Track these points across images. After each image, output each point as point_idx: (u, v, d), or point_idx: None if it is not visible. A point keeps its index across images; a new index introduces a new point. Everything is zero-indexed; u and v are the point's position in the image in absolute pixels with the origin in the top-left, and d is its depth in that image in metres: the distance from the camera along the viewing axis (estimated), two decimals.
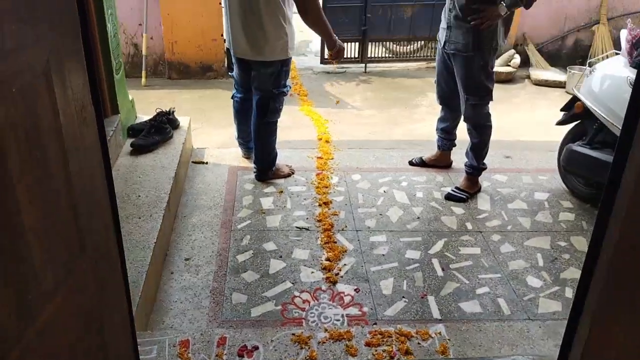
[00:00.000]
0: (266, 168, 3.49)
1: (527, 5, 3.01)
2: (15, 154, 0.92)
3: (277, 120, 3.39)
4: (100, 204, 1.27)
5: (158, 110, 3.58)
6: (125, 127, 3.38)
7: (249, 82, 3.31)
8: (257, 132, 3.38)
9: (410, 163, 3.82)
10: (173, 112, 3.66)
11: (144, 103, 4.73)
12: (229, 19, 3.17)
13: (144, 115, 3.72)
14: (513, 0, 2.95)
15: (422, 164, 3.80)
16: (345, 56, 5.84)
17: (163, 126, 3.45)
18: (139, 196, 2.85)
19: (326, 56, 3.25)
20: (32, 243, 0.98)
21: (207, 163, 3.68)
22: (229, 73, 4.68)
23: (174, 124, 3.63)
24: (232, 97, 3.61)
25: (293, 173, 3.60)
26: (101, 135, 1.21)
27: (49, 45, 1.00)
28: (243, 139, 3.70)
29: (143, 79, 5.37)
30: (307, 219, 3.10)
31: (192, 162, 3.69)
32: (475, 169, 3.42)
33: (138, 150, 3.26)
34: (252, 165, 3.55)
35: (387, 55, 6.31)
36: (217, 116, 4.77)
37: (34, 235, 0.99)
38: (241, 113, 3.56)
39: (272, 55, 3.13)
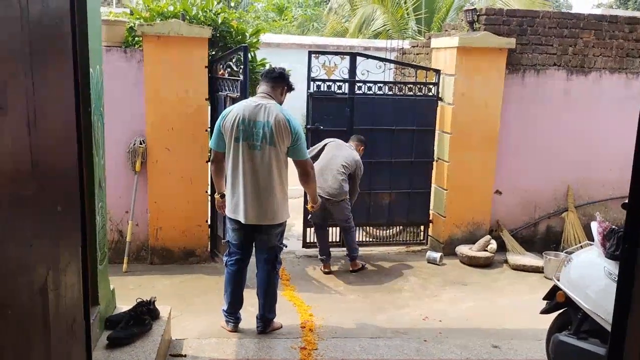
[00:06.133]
0: (273, 317, 4.00)
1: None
2: None
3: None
4: None
5: (138, 300, 3.51)
6: (103, 319, 3.28)
7: (249, 243, 3.91)
8: (268, 284, 3.91)
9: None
10: (154, 301, 3.59)
11: (123, 289, 4.65)
12: (241, 194, 3.72)
13: (122, 304, 3.64)
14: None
15: None
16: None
17: (142, 317, 3.35)
18: None
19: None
20: None
21: (185, 356, 3.52)
22: (223, 240, 4.75)
23: (154, 315, 3.54)
24: (226, 264, 3.95)
25: (282, 327, 4.08)
26: (87, 347, 1.17)
27: (49, 263, 1.02)
28: (234, 308, 3.97)
29: (125, 265, 5.34)
30: None
31: (170, 355, 3.52)
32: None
33: (114, 343, 3.12)
34: (257, 321, 3.97)
35: (367, 239, 6.47)
36: (198, 302, 4.68)
37: None
38: (238, 274, 3.92)
39: (283, 218, 3.84)
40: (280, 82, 3.87)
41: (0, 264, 0.87)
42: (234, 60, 5.60)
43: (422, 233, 6.52)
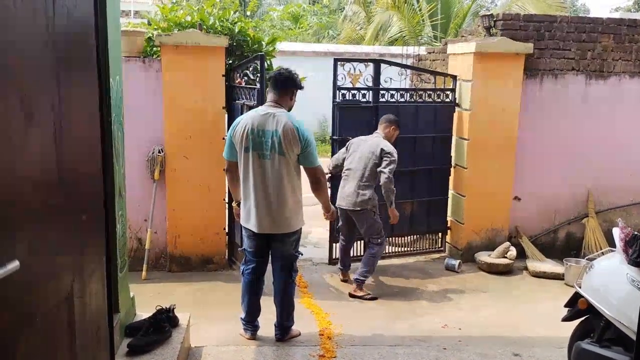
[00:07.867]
0: (291, 325, 4.02)
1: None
2: None
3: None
4: None
5: (158, 308, 3.53)
6: (123, 326, 3.30)
7: (265, 252, 3.91)
8: (285, 292, 3.93)
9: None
10: (173, 309, 3.61)
11: (143, 297, 4.67)
12: (252, 204, 3.73)
13: (142, 311, 3.66)
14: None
15: None
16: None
17: (162, 325, 3.37)
18: None
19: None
20: None
21: None
22: (240, 248, 4.72)
23: (174, 322, 3.56)
24: (243, 273, 3.98)
25: (300, 334, 4.09)
26: (111, 354, 1.19)
27: (75, 271, 1.03)
28: (252, 316, 4.00)
29: (144, 273, 5.38)
30: None
31: None
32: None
33: (134, 351, 3.14)
34: (275, 329, 3.99)
35: (388, 249, 6.38)
36: (216, 310, 4.69)
37: None
38: (254, 283, 3.94)
39: (296, 226, 3.82)
40: (287, 88, 3.83)
41: (28, 273, 0.88)
42: (250, 69, 5.63)
43: (440, 240, 6.47)
